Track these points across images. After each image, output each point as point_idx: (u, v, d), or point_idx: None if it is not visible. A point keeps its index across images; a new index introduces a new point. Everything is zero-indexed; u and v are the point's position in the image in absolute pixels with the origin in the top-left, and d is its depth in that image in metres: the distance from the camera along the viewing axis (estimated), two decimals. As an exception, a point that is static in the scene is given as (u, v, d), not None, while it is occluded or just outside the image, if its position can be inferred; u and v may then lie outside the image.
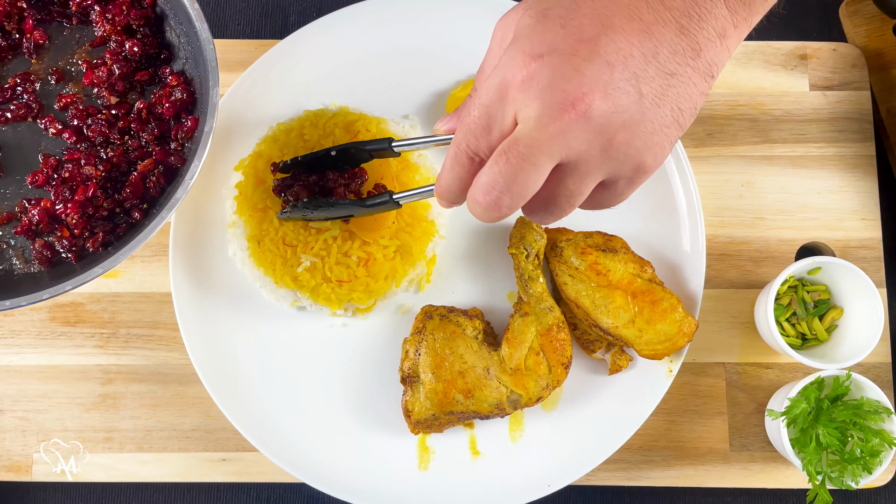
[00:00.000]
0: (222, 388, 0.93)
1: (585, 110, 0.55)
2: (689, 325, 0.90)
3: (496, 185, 0.59)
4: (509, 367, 0.90)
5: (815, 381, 0.90)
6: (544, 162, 0.57)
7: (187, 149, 0.89)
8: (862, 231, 1.03)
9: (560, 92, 0.55)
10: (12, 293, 0.83)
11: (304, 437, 0.94)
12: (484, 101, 0.60)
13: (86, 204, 0.86)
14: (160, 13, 0.92)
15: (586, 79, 0.55)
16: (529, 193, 0.59)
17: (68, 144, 0.90)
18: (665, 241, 0.98)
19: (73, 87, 0.92)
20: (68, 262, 0.87)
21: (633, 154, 0.58)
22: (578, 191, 0.61)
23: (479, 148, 0.61)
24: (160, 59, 0.92)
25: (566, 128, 0.56)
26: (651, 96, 0.57)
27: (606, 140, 0.57)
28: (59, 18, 0.92)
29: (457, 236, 0.99)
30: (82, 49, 0.92)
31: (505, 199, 0.59)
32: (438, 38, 1.02)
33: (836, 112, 1.06)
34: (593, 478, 0.98)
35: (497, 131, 0.60)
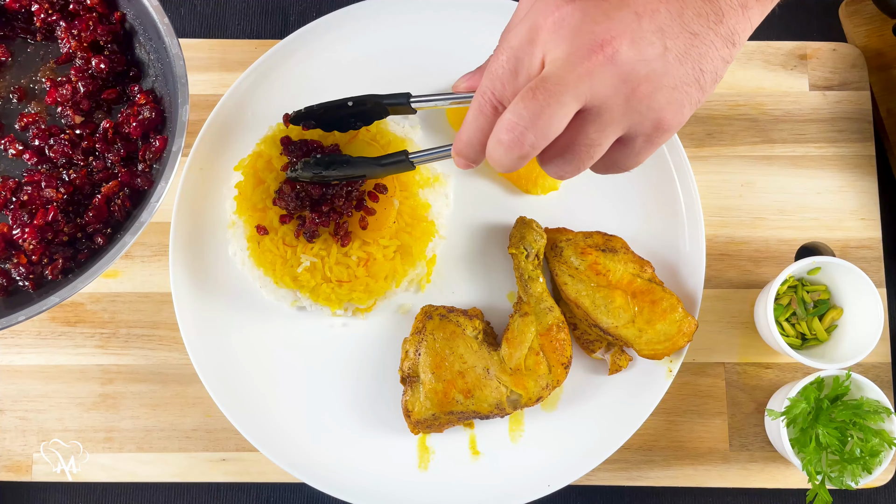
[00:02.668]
0: (222, 388, 0.93)
1: (613, 54, 0.57)
2: (688, 325, 0.90)
3: (521, 120, 0.58)
4: (509, 367, 0.90)
5: (815, 381, 0.90)
6: (570, 101, 0.57)
7: (155, 170, 0.85)
8: (861, 231, 1.03)
9: (589, 34, 0.57)
10: None
11: (304, 437, 0.94)
12: (514, 44, 0.60)
13: (45, 229, 0.81)
14: (129, 29, 0.88)
15: (615, 24, 0.57)
16: (553, 133, 0.59)
17: (29, 166, 0.85)
18: (665, 241, 0.98)
19: (36, 105, 0.88)
20: (25, 291, 0.82)
21: (654, 108, 0.59)
22: (598, 141, 0.61)
23: (505, 95, 0.61)
24: (129, 76, 0.89)
25: (593, 69, 0.57)
26: (675, 52, 0.58)
27: (630, 89, 0.58)
28: (22, 35, 0.88)
29: (457, 236, 0.99)
30: (47, 66, 0.89)
31: (529, 136, 0.59)
32: (438, 37, 1.02)
33: (836, 112, 1.06)
34: (593, 478, 0.98)
35: (524, 75, 0.60)
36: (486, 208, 0.99)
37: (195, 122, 1.01)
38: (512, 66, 0.60)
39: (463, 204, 0.99)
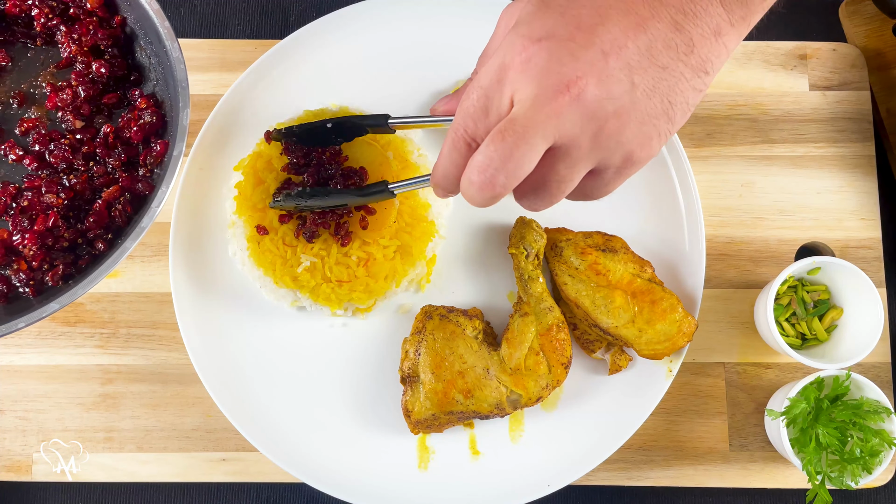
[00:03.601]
0: (222, 388, 0.93)
1: (579, 94, 0.57)
2: (688, 325, 0.90)
3: (491, 162, 0.60)
4: (509, 367, 0.90)
5: (815, 381, 0.90)
6: (538, 142, 0.59)
7: (156, 175, 0.85)
8: (861, 231, 1.03)
9: (556, 74, 0.58)
10: None
11: (304, 437, 0.94)
12: (483, 83, 0.61)
13: (45, 234, 0.80)
14: (130, 33, 0.87)
15: (581, 64, 0.58)
16: (523, 173, 0.60)
17: (29, 171, 0.85)
18: (665, 241, 0.98)
19: (36, 110, 0.87)
20: (25, 297, 0.82)
21: (623, 143, 0.60)
22: (569, 176, 0.62)
23: (477, 132, 0.63)
24: (130, 80, 0.88)
25: (560, 110, 0.58)
26: (643, 87, 0.59)
27: (598, 126, 0.59)
28: (22, 39, 0.87)
29: (457, 236, 0.99)
30: (47, 71, 0.88)
31: (500, 178, 0.60)
32: (438, 37, 1.02)
33: (836, 112, 1.06)
34: (593, 478, 0.98)
35: (494, 114, 0.61)
36: (486, 208, 0.99)
37: (195, 122, 1.01)
38: (482, 105, 0.62)
39: (463, 204, 0.99)
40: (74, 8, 0.85)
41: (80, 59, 0.85)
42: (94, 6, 0.84)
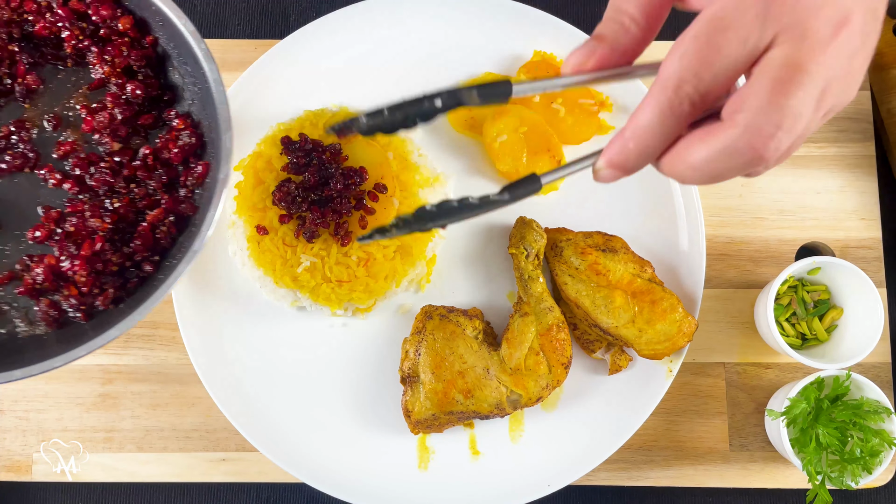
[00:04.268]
0: (222, 387, 0.93)
1: (849, 35, 0.48)
2: (688, 325, 0.90)
3: (771, 119, 0.47)
4: (509, 367, 0.90)
5: (815, 381, 0.90)
6: (819, 85, 0.48)
7: (198, 195, 0.83)
8: (862, 231, 1.03)
9: (827, 10, 0.47)
10: (18, 359, 0.76)
11: (304, 437, 0.94)
12: (734, 23, 0.48)
13: (93, 259, 0.79)
14: (161, 53, 0.86)
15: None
16: (803, 126, 0.49)
17: (70, 195, 0.83)
18: (665, 241, 0.98)
19: (72, 133, 0.85)
20: (76, 323, 0.81)
21: (847, 78, 0.50)
22: (810, 110, 0.49)
23: (715, 86, 0.49)
24: (163, 100, 0.87)
25: (835, 52, 0.47)
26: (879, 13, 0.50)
27: (850, 55, 0.49)
28: (53, 61, 0.86)
29: (457, 236, 0.99)
30: (79, 93, 0.86)
31: (784, 138, 0.48)
32: (439, 37, 1.01)
33: (836, 112, 1.05)
34: (593, 478, 0.98)
35: (746, 61, 0.48)
36: (486, 208, 0.99)
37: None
38: (734, 51, 0.48)
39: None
40: (105, 29, 0.83)
41: (113, 81, 0.84)
42: (126, 27, 0.82)
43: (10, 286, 0.81)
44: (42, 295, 0.80)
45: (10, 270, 0.81)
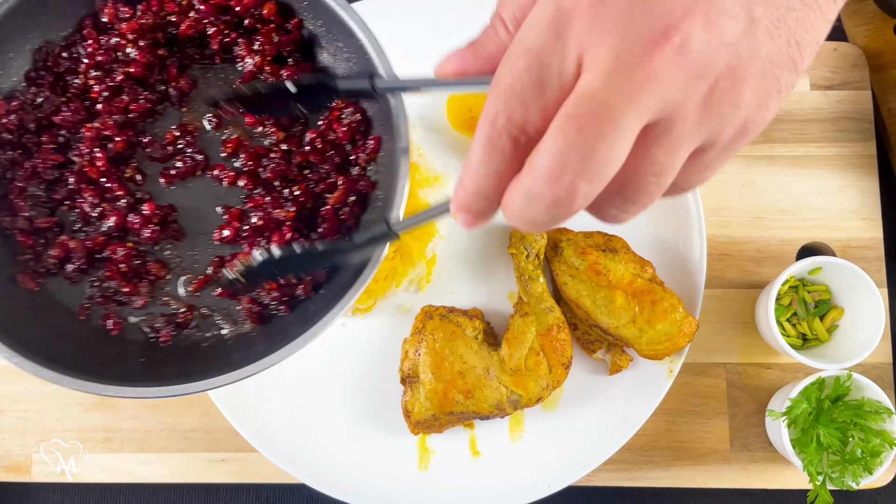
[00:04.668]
0: (222, 388, 0.93)
1: (682, 43, 0.39)
2: (689, 326, 0.90)
3: (566, 166, 0.40)
4: (509, 367, 0.89)
5: (816, 382, 0.90)
6: (630, 123, 0.40)
7: (370, 170, 0.81)
8: (863, 231, 1.03)
9: (646, 18, 0.40)
10: (226, 361, 0.74)
11: (303, 438, 0.93)
12: (532, 44, 0.42)
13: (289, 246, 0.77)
14: (307, 36, 0.83)
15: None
16: (612, 173, 0.41)
17: (245, 192, 0.82)
18: (665, 240, 0.98)
19: (234, 130, 0.83)
20: (280, 316, 0.79)
21: (739, 105, 0.42)
22: (670, 165, 0.43)
23: (529, 119, 0.43)
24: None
25: (658, 70, 0.39)
26: (766, 24, 0.41)
27: (707, 87, 0.41)
28: (200, 61, 0.84)
29: (457, 236, 0.99)
30: (232, 89, 0.83)
31: (582, 186, 0.41)
32: (437, 37, 1.01)
33: (837, 112, 1.05)
34: (593, 478, 0.98)
35: (554, 89, 0.42)
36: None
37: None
38: (535, 77, 0.42)
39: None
40: (249, 19, 0.81)
41: (266, 70, 0.81)
42: (270, 13, 0.80)
43: (207, 290, 0.80)
44: (242, 293, 0.79)
45: (204, 274, 0.80)
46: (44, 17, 0.78)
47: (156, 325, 0.79)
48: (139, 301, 0.79)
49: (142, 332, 0.79)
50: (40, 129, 0.80)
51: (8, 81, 0.79)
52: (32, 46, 0.79)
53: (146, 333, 0.79)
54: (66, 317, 0.78)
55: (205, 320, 0.80)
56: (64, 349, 0.74)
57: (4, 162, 0.78)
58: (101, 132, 0.79)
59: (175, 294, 0.80)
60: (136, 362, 0.77)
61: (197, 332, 0.80)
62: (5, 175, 0.79)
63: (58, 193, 0.80)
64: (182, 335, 0.79)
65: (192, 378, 0.72)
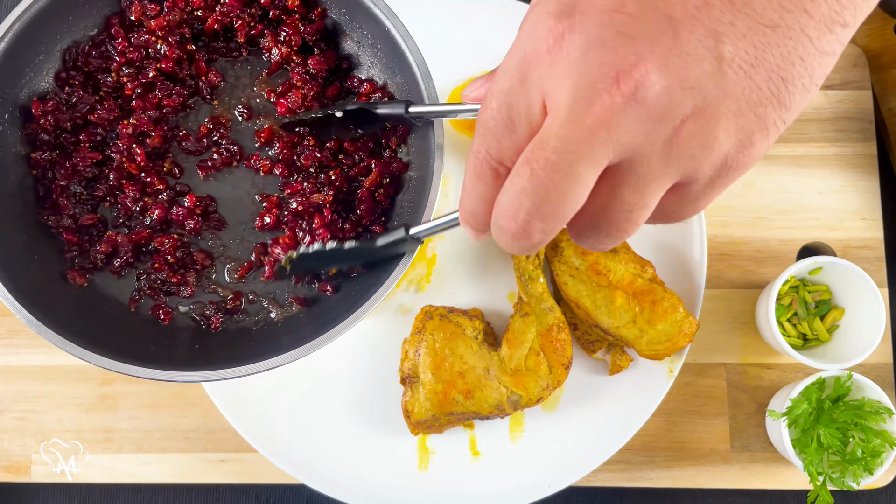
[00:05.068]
0: (221, 388, 0.93)
1: (636, 88, 0.39)
2: (689, 326, 0.90)
3: (521, 206, 0.43)
4: (509, 367, 0.89)
5: (817, 382, 0.90)
6: (584, 169, 0.41)
7: (401, 152, 0.83)
8: (863, 231, 1.03)
9: (598, 65, 0.40)
10: (276, 345, 0.75)
11: (303, 438, 0.93)
12: (502, 86, 0.44)
13: (332, 229, 0.80)
14: (331, 25, 0.84)
15: (637, 43, 0.39)
16: (569, 214, 0.43)
17: (281, 180, 0.84)
18: (665, 240, 0.98)
19: (266, 120, 0.85)
20: (325, 298, 0.81)
21: (712, 146, 0.41)
22: (640, 203, 0.44)
23: (503, 153, 0.45)
24: (342, 70, 0.86)
25: (610, 117, 0.40)
26: (738, 62, 0.39)
27: (672, 130, 0.40)
28: (226, 54, 0.85)
29: (457, 236, 0.98)
30: (260, 80, 0.85)
31: (536, 225, 0.44)
32: (438, 37, 1.01)
33: (838, 112, 1.05)
34: (594, 478, 0.98)
35: (523, 127, 0.44)
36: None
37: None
38: (505, 117, 0.44)
39: (463, 204, 0.99)
40: (274, 10, 0.82)
41: (294, 60, 0.83)
42: (294, 4, 0.82)
43: (252, 276, 0.83)
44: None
45: (248, 261, 0.83)
46: (71, 18, 0.80)
47: (206, 312, 0.82)
48: (187, 290, 0.82)
49: (193, 319, 0.82)
50: (76, 129, 0.81)
51: (41, 83, 0.80)
52: (61, 47, 0.80)
53: (197, 321, 0.82)
54: (118, 309, 0.81)
55: (253, 305, 0.83)
56: (118, 340, 0.76)
57: (44, 162, 0.80)
58: (138, 128, 0.81)
59: (222, 282, 0.83)
60: (191, 349, 0.79)
61: (246, 317, 0.82)
62: (46, 175, 0.80)
63: (98, 190, 0.81)
64: (232, 321, 0.82)
65: (244, 361, 0.73)
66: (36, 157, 0.79)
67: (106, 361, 0.72)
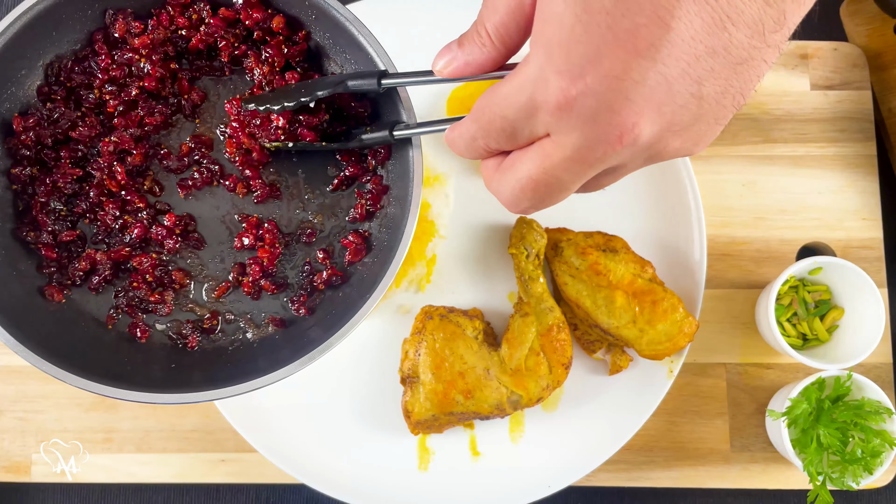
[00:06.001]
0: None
1: (635, 139, 0.48)
2: (689, 326, 0.90)
3: (522, 199, 0.55)
4: (509, 367, 0.89)
5: (816, 382, 0.90)
6: (578, 184, 0.53)
7: (382, 174, 0.82)
8: (863, 231, 1.03)
9: (605, 125, 0.47)
10: (253, 367, 0.75)
11: (303, 438, 0.93)
12: (507, 114, 0.52)
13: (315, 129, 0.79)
14: (314, 47, 0.83)
15: (637, 104, 0.46)
16: (560, 200, 0.56)
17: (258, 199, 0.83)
18: (666, 240, 0.98)
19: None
20: (301, 319, 0.81)
21: (679, 152, 0.52)
22: (601, 185, 0.57)
23: (501, 148, 0.56)
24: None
25: (608, 156, 0.49)
26: (713, 96, 0.47)
27: (655, 151, 0.51)
28: (209, 73, 0.85)
29: (457, 236, 0.99)
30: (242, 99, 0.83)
31: (531, 210, 0.57)
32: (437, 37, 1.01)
33: (837, 112, 1.05)
34: (594, 478, 0.98)
35: (524, 139, 0.53)
36: (486, 208, 0.99)
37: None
38: (509, 133, 0.53)
39: (463, 204, 0.99)
40: (258, 32, 0.82)
41: (275, 80, 0.82)
42: (278, 26, 0.81)
43: (229, 296, 0.82)
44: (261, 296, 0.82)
45: (226, 281, 0.82)
46: (55, 33, 0.79)
47: (183, 331, 0.81)
48: (165, 309, 0.81)
49: (169, 338, 0.81)
50: (58, 144, 0.81)
51: (23, 98, 0.79)
52: (44, 62, 0.80)
53: (174, 339, 0.81)
54: (95, 326, 0.80)
55: (229, 325, 0.82)
56: (94, 357, 0.76)
57: (24, 178, 0.79)
58: (119, 146, 0.80)
59: (199, 301, 0.82)
60: (167, 368, 0.78)
61: (223, 336, 0.82)
62: (26, 191, 0.80)
63: (78, 207, 0.81)
64: (208, 340, 0.81)
65: (217, 385, 0.73)
66: (16, 172, 0.78)
67: (82, 382, 0.71)
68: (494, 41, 0.55)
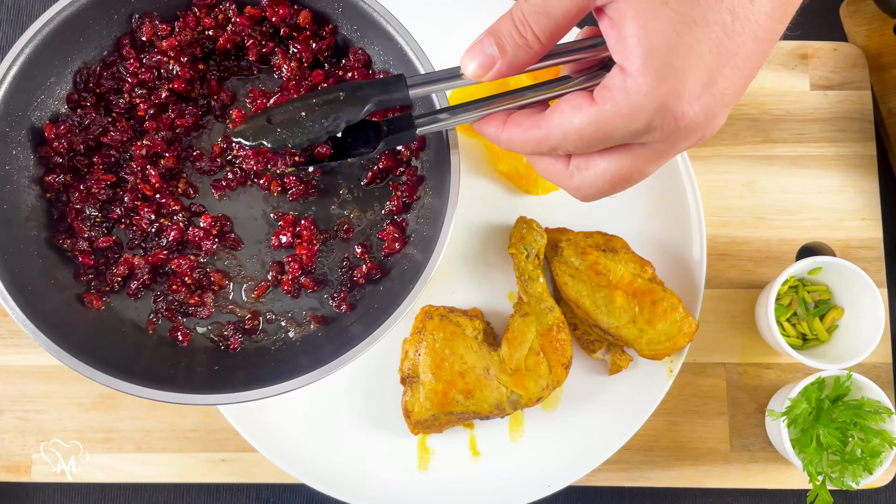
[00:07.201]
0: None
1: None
2: (689, 325, 0.90)
3: (606, 192, 0.60)
4: (509, 367, 0.89)
5: (816, 382, 0.90)
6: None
7: (416, 165, 0.83)
8: (863, 231, 1.03)
9: (705, 131, 0.54)
10: (295, 365, 0.75)
11: (303, 437, 0.93)
12: (616, 136, 0.55)
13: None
14: (341, 41, 0.83)
15: (728, 110, 0.54)
16: None
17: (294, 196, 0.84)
18: (665, 240, 0.98)
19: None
20: (342, 316, 0.81)
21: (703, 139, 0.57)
22: None
23: (580, 153, 0.59)
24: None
25: (686, 148, 0.57)
26: (730, 93, 0.53)
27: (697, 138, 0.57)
28: (237, 73, 0.85)
29: (457, 236, 0.99)
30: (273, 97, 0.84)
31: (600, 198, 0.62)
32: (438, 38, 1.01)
33: (837, 112, 1.05)
34: (593, 478, 0.98)
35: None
36: (486, 208, 0.99)
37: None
38: (602, 145, 0.57)
39: (463, 204, 0.99)
40: (285, 28, 0.82)
41: (306, 77, 0.82)
42: (306, 21, 0.81)
43: (269, 295, 0.82)
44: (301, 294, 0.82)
45: (265, 280, 0.82)
46: (82, 39, 0.79)
47: (224, 333, 0.81)
48: (205, 311, 0.81)
49: (211, 340, 0.81)
50: (90, 151, 0.81)
51: (53, 106, 0.79)
52: (73, 69, 0.80)
53: (216, 342, 0.81)
54: (135, 332, 0.80)
55: (271, 324, 0.82)
56: (138, 363, 0.76)
57: (58, 185, 0.79)
58: (152, 149, 0.80)
59: (239, 301, 0.82)
60: (210, 370, 0.78)
61: (265, 336, 0.82)
62: (60, 198, 0.80)
63: (113, 213, 0.81)
64: (250, 340, 0.81)
65: (264, 383, 0.73)
66: (50, 180, 0.78)
67: (128, 387, 0.71)
68: (545, 43, 0.56)
